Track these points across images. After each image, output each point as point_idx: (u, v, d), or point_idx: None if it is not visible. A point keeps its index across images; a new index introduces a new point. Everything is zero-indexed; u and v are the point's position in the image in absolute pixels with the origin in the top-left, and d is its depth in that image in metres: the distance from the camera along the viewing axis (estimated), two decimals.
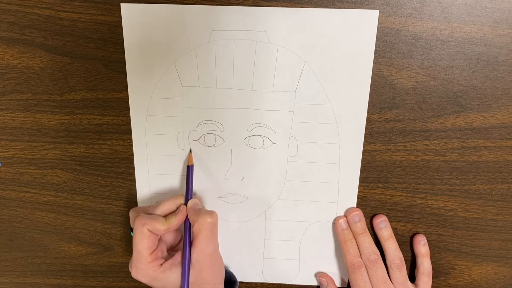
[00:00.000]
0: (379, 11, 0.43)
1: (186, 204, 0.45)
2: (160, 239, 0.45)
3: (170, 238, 0.47)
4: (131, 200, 0.51)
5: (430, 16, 0.43)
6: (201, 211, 0.43)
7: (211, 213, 0.43)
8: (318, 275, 0.52)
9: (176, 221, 0.43)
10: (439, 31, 0.43)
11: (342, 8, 0.43)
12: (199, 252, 0.42)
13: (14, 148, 0.50)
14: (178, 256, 0.43)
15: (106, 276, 0.55)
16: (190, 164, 0.47)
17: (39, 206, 0.52)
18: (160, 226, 0.42)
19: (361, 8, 0.43)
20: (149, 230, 0.42)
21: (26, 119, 0.49)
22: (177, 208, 0.45)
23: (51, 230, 0.53)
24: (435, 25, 0.43)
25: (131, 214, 0.46)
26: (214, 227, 0.43)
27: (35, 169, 0.51)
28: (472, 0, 0.42)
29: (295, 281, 0.53)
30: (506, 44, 0.43)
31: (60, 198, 0.52)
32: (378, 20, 0.43)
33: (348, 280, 0.51)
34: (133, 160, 0.49)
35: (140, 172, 0.50)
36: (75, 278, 0.55)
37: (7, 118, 0.49)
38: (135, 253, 0.42)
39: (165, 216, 0.44)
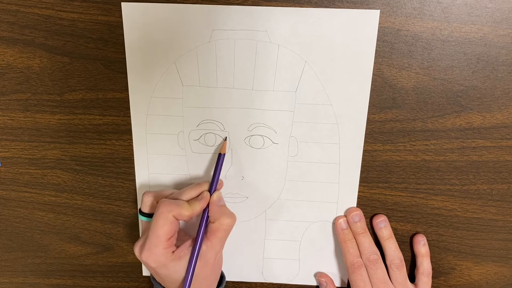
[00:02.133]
0: (379, 11, 0.43)
1: (209, 191, 0.45)
2: None
3: None
4: (131, 200, 0.51)
5: (430, 16, 0.43)
6: (224, 210, 0.44)
7: (232, 216, 0.43)
8: (317, 275, 0.52)
9: (199, 207, 0.43)
10: (439, 31, 0.43)
11: (342, 8, 0.43)
12: (209, 246, 0.43)
13: (14, 148, 0.50)
14: (187, 245, 0.44)
15: (106, 276, 0.55)
16: (222, 153, 0.47)
17: (39, 206, 0.52)
18: (185, 212, 0.42)
19: (362, 8, 0.43)
20: (174, 216, 0.42)
21: (26, 119, 0.49)
22: (200, 194, 0.45)
23: (51, 230, 0.53)
24: (435, 25, 0.43)
25: (147, 198, 0.46)
26: (231, 229, 0.44)
27: (35, 169, 0.51)
28: (472, 0, 0.42)
29: (295, 281, 0.53)
30: (506, 44, 0.43)
31: (60, 198, 0.52)
32: (378, 20, 0.43)
33: (348, 280, 0.51)
34: (133, 160, 0.49)
35: (140, 172, 0.50)
36: (75, 278, 0.55)
37: (7, 118, 0.49)
38: (153, 237, 0.42)
39: (188, 202, 0.44)
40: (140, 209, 0.46)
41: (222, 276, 0.50)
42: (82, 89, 0.47)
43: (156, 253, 0.42)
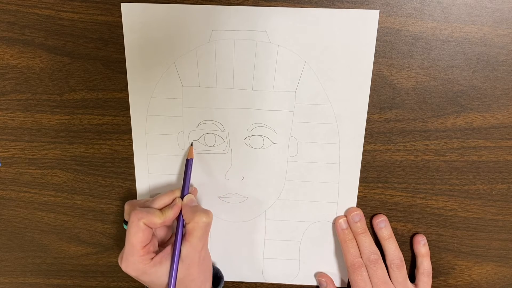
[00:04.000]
0: (379, 11, 0.43)
1: (182, 197, 0.45)
2: (153, 234, 0.45)
3: (161, 233, 0.47)
4: None
5: (430, 16, 0.43)
6: (197, 209, 0.43)
7: (207, 212, 0.43)
8: (317, 275, 0.52)
9: (172, 214, 0.43)
10: (439, 31, 0.43)
11: (342, 8, 0.43)
12: (189, 248, 0.42)
13: (14, 148, 0.50)
14: (168, 250, 0.43)
15: (106, 276, 0.55)
16: (189, 158, 0.47)
17: (39, 206, 0.52)
18: (157, 220, 0.42)
19: (361, 8, 0.43)
20: (145, 224, 0.42)
21: (26, 119, 0.49)
22: (173, 201, 0.45)
23: (51, 230, 0.53)
24: (435, 25, 0.43)
25: (126, 207, 0.46)
26: (208, 226, 0.43)
27: (35, 169, 0.51)
28: (472, 0, 0.42)
29: (295, 281, 0.53)
30: (506, 44, 0.43)
31: (60, 198, 0.52)
32: (378, 20, 0.43)
33: (348, 280, 0.51)
34: (133, 160, 0.49)
35: (140, 172, 0.50)
36: (75, 278, 0.55)
37: (7, 118, 0.49)
38: (128, 246, 0.42)
39: (161, 210, 0.44)
40: (124, 219, 0.47)
41: (220, 277, 0.50)
42: (82, 89, 0.47)
43: (133, 261, 0.42)
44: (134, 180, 0.50)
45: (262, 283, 0.53)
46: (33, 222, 0.53)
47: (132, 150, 0.49)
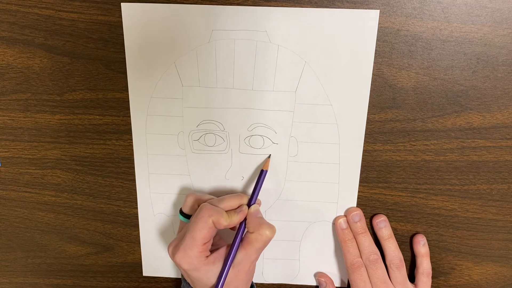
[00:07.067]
0: (379, 11, 0.43)
1: (248, 205, 0.45)
2: None
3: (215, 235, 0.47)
4: (131, 200, 0.51)
5: (430, 16, 0.43)
6: (263, 221, 0.44)
7: (272, 227, 0.43)
8: (317, 275, 0.52)
9: (237, 219, 0.44)
10: (439, 31, 0.43)
11: (342, 8, 0.43)
12: (244, 256, 0.43)
13: (14, 148, 0.50)
14: (222, 252, 0.44)
15: (106, 276, 0.55)
16: (265, 169, 0.47)
17: (39, 206, 0.52)
18: (223, 221, 0.42)
19: (361, 8, 0.43)
20: (213, 222, 0.42)
21: (26, 119, 0.49)
22: (238, 206, 0.45)
23: (51, 230, 0.53)
24: (435, 25, 0.43)
25: (189, 199, 0.46)
26: (269, 241, 0.43)
27: (35, 169, 0.51)
28: (472, 0, 0.42)
29: (295, 281, 0.53)
30: (506, 44, 0.43)
31: (60, 198, 0.52)
32: (378, 20, 0.43)
33: (348, 280, 0.51)
34: (133, 160, 0.49)
35: (140, 172, 0.50)
36: (75, 278, 0.55)
37: (7, 118, 0.49)
38: (190, 239, 0.42)
39: (227, 212, 0.44)
40: (180, 209, 0.47)
41: (252, 286, 0.50)
42: (82, 89, 0.47)
43: (190, 256, 0.42)
44: (134, 180, 0.50)
45: (262, 283, 0.53)
46: (33, 222, 0.53)
47: (132, 150, 0.49)
